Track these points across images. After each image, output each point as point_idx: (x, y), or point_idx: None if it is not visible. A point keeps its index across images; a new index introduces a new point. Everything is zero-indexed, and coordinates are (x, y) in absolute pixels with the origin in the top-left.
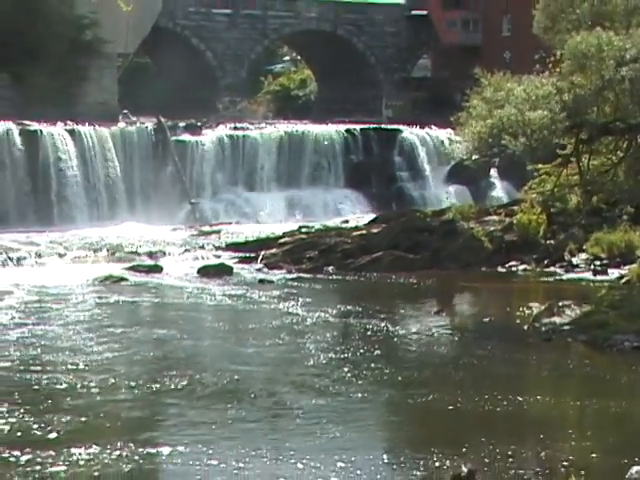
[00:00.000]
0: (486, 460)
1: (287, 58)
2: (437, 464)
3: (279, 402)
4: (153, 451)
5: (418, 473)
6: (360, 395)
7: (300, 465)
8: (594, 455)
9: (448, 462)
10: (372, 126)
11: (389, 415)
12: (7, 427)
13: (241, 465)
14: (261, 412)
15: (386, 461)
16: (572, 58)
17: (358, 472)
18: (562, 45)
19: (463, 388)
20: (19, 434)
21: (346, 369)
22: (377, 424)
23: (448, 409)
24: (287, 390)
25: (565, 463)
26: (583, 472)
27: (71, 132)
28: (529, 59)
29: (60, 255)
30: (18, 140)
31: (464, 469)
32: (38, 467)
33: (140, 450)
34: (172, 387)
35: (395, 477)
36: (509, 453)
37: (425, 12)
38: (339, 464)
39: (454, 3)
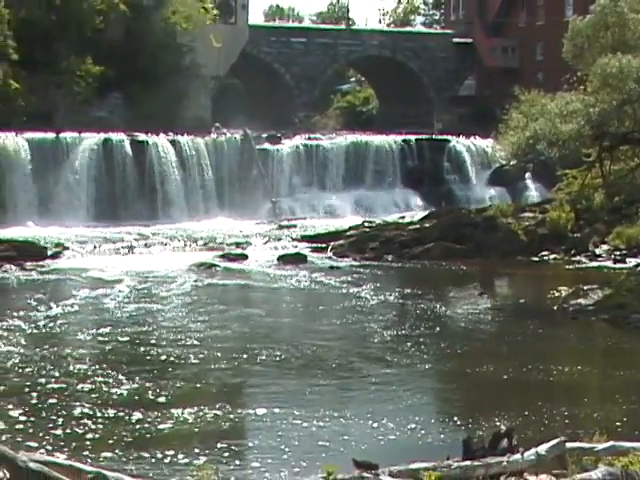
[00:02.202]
0: (524, 420)
1: (353, 79)
2: (485, 424)
3: (352, 372)
4: (246, 412)
5: (469, 431)
6: (421, 366)
7: (375, 425)
8: (617, 417)
9: (493, 422)
10: (425, 137)
11: (446, 383)
12: (124, 392)
13: (321, 424)
14: (337, 380)
15: (444, 421)
16: (597, 78)
17: (423, 431)
18: (588, 68)
19: (506, 360)
20: (136, 397)
21: (408, 344)
22: (437, 391)
23: (496, 378)
24: (359, 361)
25: (592, 424)
26: (608, 431)
27: (172, 142)
28: (559, 79)
29: (163, 245)
30: (129, 149)
31: (502, 427)
32: (147, 425)
33: (236, 411)
34: (260, 358)
35: (450, 434)
36: (543, 415)
37: (470, 40)
38: (409, 425)
39: (495, 32)
